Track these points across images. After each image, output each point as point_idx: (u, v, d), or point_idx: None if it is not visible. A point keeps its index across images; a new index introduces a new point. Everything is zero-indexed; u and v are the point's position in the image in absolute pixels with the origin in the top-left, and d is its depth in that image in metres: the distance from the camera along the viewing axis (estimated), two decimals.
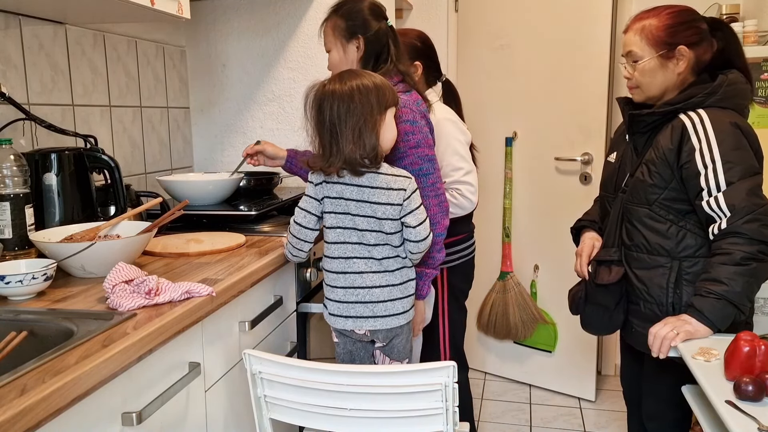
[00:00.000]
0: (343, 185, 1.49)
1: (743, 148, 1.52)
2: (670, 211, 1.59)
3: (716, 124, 1.52)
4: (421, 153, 1.63)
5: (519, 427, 2.76)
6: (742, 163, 1.50)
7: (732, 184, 1.48)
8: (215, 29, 2.57)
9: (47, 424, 0.84)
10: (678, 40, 1.58)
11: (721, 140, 1.51)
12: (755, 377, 1.49)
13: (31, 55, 1.75)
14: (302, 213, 1.55)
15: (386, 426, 1.32)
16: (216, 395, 1.35)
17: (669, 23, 1.58)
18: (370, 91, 1.45)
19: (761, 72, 2.31)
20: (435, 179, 1.65)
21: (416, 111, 1.66)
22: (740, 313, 1.47)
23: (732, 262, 1.45)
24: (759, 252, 1.44)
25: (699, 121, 1.54)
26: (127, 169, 2.16)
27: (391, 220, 1.49)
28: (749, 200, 1.46)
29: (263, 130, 2.58)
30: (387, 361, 1.61)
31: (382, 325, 1.54)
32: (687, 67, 1.60)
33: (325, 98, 1.46)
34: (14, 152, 1.43)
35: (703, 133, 1.53)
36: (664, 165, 1.57)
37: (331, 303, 1.56)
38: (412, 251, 1.54)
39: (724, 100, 1.56)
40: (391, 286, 1.53)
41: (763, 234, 1.44)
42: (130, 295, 1.18)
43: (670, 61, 1.60)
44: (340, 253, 1.52)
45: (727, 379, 1.57)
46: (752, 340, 1.56)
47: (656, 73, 1.61)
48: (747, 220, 1.45)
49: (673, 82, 1.62)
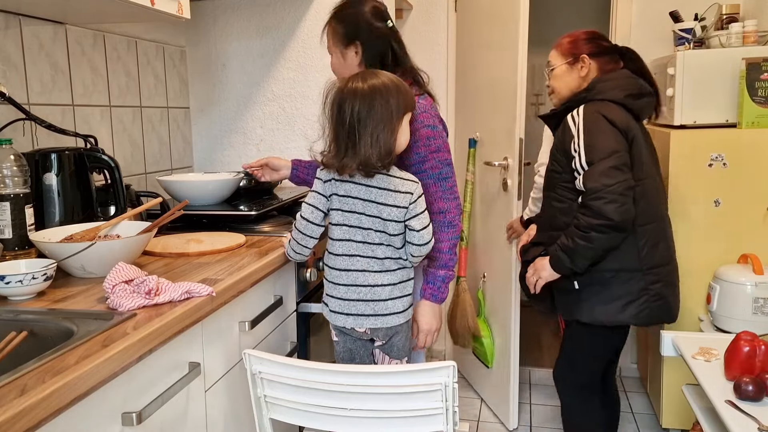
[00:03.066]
0: (353, 184, 1.50)
1: (604, 132, 1.81)
2: (569, 191, 1.89)
3: (586, 115, 1.84)
4: (441, 157, 1.65)
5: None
6: (601, 145, 1.79)
7: (592, 164, 1.78)
8: (215, 29, 2.57)
9: (47, 424, 0.84)
10: (581, 50, 1.98)
11: (587, 128, 1.82)
12: (755, 377, 1.49)
13: (31, 55, 1.75)
14: (310, 208, 1.55)
15: (386, 426, 1.32)
16: (216, 395, 1.35)
17: (577, 38, 2.00)
18: (392, 95, 1.46)
19: (761, 72, 2.31)
20: (453, 183, 1.67)
21: (435, 116, 1.67)
22: (573, 266, 1.83)
23: (577, 227, 1.79)
24: (599, 225, 1.75)
25: (576, 114, 1.87)
26: (127, 169, 2.16)
27: (395, 222, 1.49)
28: (600, 180, 1.75)
29: (263, 130, 2.58)
30: (386, 359, 1.61)
31: (383, 323, 1.54)
32: (590, 72, 1.97)
33: (346, 98, 1.46)
34: (14, 152, 1.43)
35: (576, 124, 1.86)
36: (560, 153, 1.90)
37: (332, 300, 1.56)
38: (414, 254, 1.54)
39: (600, 93, 1.89)
40: (391, 285, 1.53)
41: (603, 210, 1.74)
42: (130, 295, 1.18)
43: (575, 67, 1.98)
44: (344, 250, 1.53)
45: (727, 379, 1.57)
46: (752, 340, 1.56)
47: (565, 77, 2.00)
48: (594, 198, 1.76)
49: (578, 85, 1.98)
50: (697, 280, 2.46)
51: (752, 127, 2.35)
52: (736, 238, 2.41)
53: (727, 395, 1.47)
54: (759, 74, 2.31)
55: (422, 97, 1.68)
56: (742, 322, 2.18)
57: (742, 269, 2.27)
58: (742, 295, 2.20)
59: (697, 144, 2.41)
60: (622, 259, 1.85)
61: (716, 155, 2.39)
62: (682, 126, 2.47)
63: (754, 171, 2.37)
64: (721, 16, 2.59)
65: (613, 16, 3.07)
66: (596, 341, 1.98)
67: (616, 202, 1.73)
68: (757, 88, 2.32)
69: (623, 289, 1.86)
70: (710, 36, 2.57)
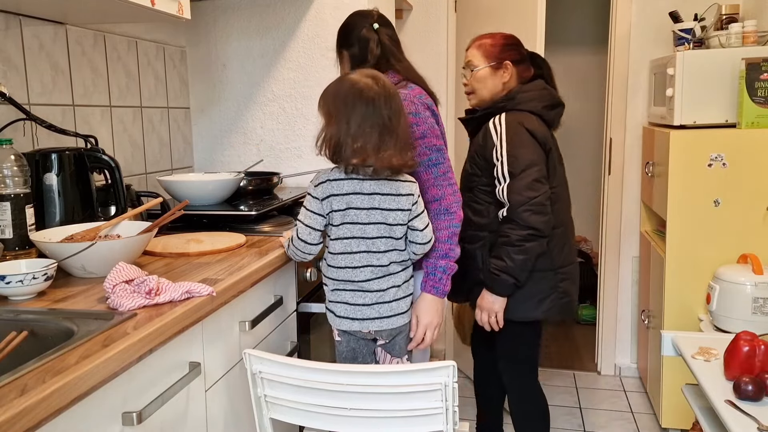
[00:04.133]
0: (354, 195, 1.48)
1: (526, 145, 1.89)
2: (487, 194, 1.97)
3: (508, 125, 1.91)
4: (428, 143, 1.63)
5: None
6: (523, 158, 1.87)
7: (514, 176, 1.86)
8: (215, 29, 2.57)
9: (47, 424, 0.84)
10: (505, 56, 2.02)
11: (510, 139, 1.89)
12: (755, 377, 1.49)
13: (32, 56, 1.75)
14: (307, 230, 1.52)
15: (386, 426, 1.32)
16: (216, 395, 1.35)
17: (501, 43, 2.04)
18: (396, 94, 1.50)
19: (761, 72, 2.31)
20: (446, 168, 1.64)
21: (418, 103, 1.65)
22: (517, 281, 1.89)
23: (509, 243, 1.86)
24: (528, 235, 1.85)
25: (498, 123, 1.93)
26: (128, 169, 2.16)
27: (401, 225, 1.50)
28: (524, 194, 1.85)
29: (263, 130, 2.59)
30: (388, 358, 1.61)
31: (388, 325, 1.55)
32: (511, 79, 2.03)
33: (382, 94, 1.45)
34: (15, 152, 1.43)
35: (498, 132, 1.92)
36: (480, 158, 1.98)
37: (338, 305, 1.55)
38: (416, 252, 1.56)
39: (521, 103, 1.96)
40: (395, 288, 1.54)
41: (529, 221, 1.84)
42: (131, 295, 1.18)
43: (498, 72, 2.03)
44: (347, 263, 1.52)
45: (727, 379, 1.57)
46: (752, 340, 1.56)
47: (487, 81, 2.04)
48: (521, 210, 1.85)
49: (499, 90, 2.03)
50: (696, 280, 2.46)
51: (752, 127, 2.35)
52: (736, 238, 2.41)
53: (727, 395, 1.47)
54: (759, 74, 2.31)
55: (409, 88, 1.67)
56: (742, 322, 2.18)
57: (741, 269, 2.27)
58: (742, 295, 2.20)
59: (696, 144, 2.41)
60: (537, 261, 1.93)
61: (716, 155, 2.39)
62: (682, 126, 2.47)
63: (754, 171, 2.37)
64: (721, 17, 2.59)
65: (613, 16, 3.07)
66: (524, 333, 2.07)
67: (540, 213, 1.85)
68: (756, 88, 2.32)
69: (536, 287, 1.96)
70: (710, 36, 2.57)
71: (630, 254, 3.21)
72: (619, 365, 3.30)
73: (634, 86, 3.10)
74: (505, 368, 2.13)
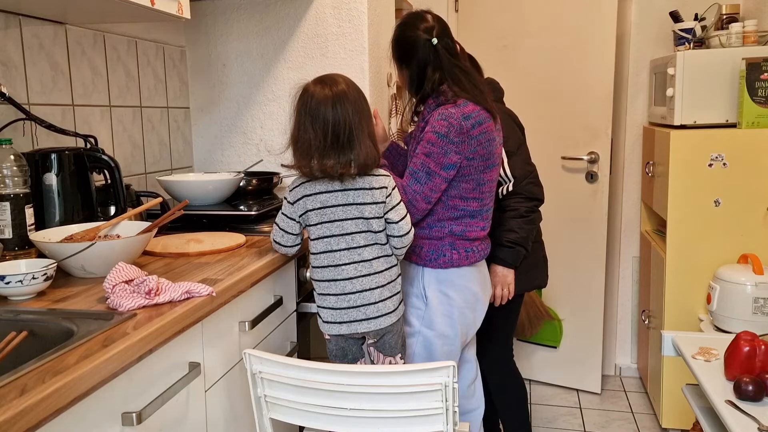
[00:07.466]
0: (327, 193, 1.50)
1: (512, 127, 2.04)
2: None
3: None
4: (426, 161, 1.66)
5: None
6: (515, 138, 2.02)
7: (513, 154, 1.98)
8: (215, 29, 2.57)
9: (47, 424, 0.84)
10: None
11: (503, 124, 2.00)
12: (755, 377, 1.49)
13: (31, 55, 1.75)
14: (280, 233, 1.57)
15: (386, 426, 1.32)
16: (216, 395, 1.35)
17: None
18: (362, 96, 1.53)
19: (761, 72, 2.31)
20: (428, 188, 1.67)
21: (454, 126, 1.64)
22: (526, 251, 2.00)
23: (519, 215, 1.98)
24: (534, 206, 2.01)
25: None
26: (127, 169, 2.16)
27: (377, 218, 1.52)
28: (525, 168, 2.01)
29: (263, 130, 2.58)
30: (381, 357, 1.62)
31: (375, 326, 1.55)
32: None
33: (338, 99, 1.47)
34: (14, 152, 1.43)
35: None
36: None
37: (323, 311, 1.57)
38: (396, 246, 1.57)
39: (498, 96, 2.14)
40: (380, 288, 1.54)
41: (533, 191, 2.00)
42: (130, 295, 1.18)
43: None
44: (329, 261, 1.53)
45: (727, 379, 1.57)
46: (752, 340, 1.56)
47: None
48: (525, 183, 1.99)
49: None
50: (697, 280, 2.46)
51: (752, 127, 2.35)
52: (736, 238, 2.41)
53: (727, 395, 1.47)
54: (759, 74, 2.31)
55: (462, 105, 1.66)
56: (742, 322, 2.18)
57: (742, 269, 2.27)
58: (742, 295, 2.20)
59: (697, 144, 2.41)
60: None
61: (716, 155, 2.39)
62: (682, 126, 2.47)
63: (754, 171, 2.37)
64: (721, 16, 2.59)
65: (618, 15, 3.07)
66: (520, 305, 2.22)
67: (538, 184, 2.02)
68: (757, 88, 2.32)
69: (534, 257, 2.12)
70: (710, 36, 2.57)
71: (630, 254, 3.21)
72: (620, 365, 3.30)
73: (634, 86, 3.10)
74: (494, 347, 2.19)
